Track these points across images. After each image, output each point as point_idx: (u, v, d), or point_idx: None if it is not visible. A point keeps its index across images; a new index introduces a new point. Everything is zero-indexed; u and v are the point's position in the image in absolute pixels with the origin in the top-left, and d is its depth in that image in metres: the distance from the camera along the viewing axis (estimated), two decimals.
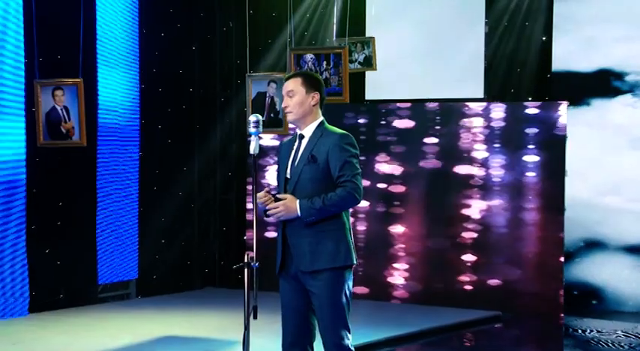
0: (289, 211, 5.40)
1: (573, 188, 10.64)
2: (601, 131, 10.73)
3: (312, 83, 5.59)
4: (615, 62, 10.71)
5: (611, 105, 10.74)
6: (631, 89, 10.64)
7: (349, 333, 5.50)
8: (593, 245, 10.78)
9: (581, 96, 10.82)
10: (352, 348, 5.52)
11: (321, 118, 5.62)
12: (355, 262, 5.51)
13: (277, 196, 5.41)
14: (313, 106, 5.58)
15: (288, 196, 5.42)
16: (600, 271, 10.66)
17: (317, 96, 5.58)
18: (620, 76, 10.69)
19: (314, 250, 5.42)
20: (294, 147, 5.59)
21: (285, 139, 5.74)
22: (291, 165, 5.55)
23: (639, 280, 10.55)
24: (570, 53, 10.82)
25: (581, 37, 10.78)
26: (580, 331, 9.67)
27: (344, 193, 5.37)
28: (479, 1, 10.95)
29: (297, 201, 5.39)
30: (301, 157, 5.52)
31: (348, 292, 5.48)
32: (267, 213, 5.41)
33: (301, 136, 5.58)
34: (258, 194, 5.44)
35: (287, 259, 5.51)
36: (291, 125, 10.08)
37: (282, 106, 5.63)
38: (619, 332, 9.52)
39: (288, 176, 5.54)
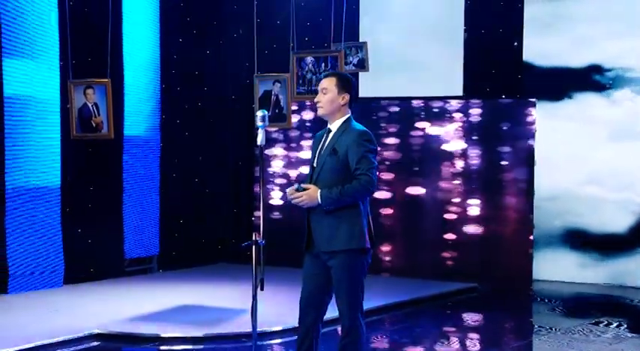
0: (311, 199, 5.43)
1: (553, 179, 10.63)
2: (582, 124, 10.67)
3: (344, 85, 5.58)
4: (595, 58, 10.64)
5: (593, 99, 10.66)
6: (611, 84, 10.59)
7: (362, 307, 5.57)
8: (572, 234, 10.81)
9: (563, 91, 10.77)
10: (362, 318, 5.59)
11: (348, 115, 5.61)
12: (369, 245, 5.54)
13: (302, 185, 5.45)
14: (342, 105, 5.58)
15: (312, 187, 5.44)
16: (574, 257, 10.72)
17: (347, 97, 5.58)
18: (600, 71, 10.62)
19: (332, 233, 5.46)
20: (324, 139, 5.64)
21: (319, 132, 5.78)
22: (318, 155, 5.59)
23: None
24: (551, 50, 10.78)
25: (561, 35, 10.73)
26: (546, 299, 9.72)
27: (358, 186, 5.39)
28: (459, 11, 10.97)
29: (319, 191, 5.44)
30: (325, 149, 5.55)
31: (362, 270, 5.52)
32: (292, 202, 5.47)
33: (329, 130, 5.62)
34: (288, 190, 5.48)
35: (311, 239, 5.58)
36: (294, 119, 10.20)
37: (315, 100, 5.65)
38: (578, 301, 9.58)
39: (315, 165, 5.60)
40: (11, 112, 9.26)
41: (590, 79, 10.69)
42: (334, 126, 5.59)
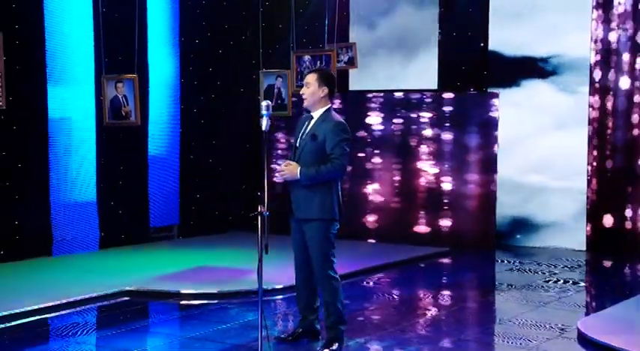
0: (292, 174, 5.55)
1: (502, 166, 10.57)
2: (529, 112, 10.64)
3: (324, 79, 5.67)
4: (547, 48, 10.56)
5: (540, 87, 10.61)
6: (554, 71, 10.50)
7: (333, 265, 5.67)
8: (517, 221, 10.78)
9: (511, 79, 10.73)
10: (335, 274, 5.67)
11: (329, 105, 5.70)
12: (337, 216, 5.64)
13: (286, 162, 5.56)
14: (322, 97, 5.67)
15: (293, 164, 5.57)
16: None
17: (326, 90, 5.66)
18: (545, 60, 10.56)
19: (307, 204, 5.59)
20: (306, 124, 5.70)
21: (304, 116, 5.83)
22: (300, 138, 5.69)
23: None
24: (510, 42, 10.71)
25: (522, 28, 10.65)
26: (506, 261, 9.80)
27: (331, 168, 5.50)
28: (433, 16, 10.98)
29: (299, 168, 5.53)
30: (307, 134, 5.65)
31: (332, 237, 5.63)
32: (277, 174, 5.60)
33: (311, 117, 5.70)
34: (282, 166, 5.61)
35: (292, 208, 5.67)
36: (293, 108, 10.21)
37: (301, 93, 5.75)
38: (534, 262, 9.65)
39: (297, 146, 5.67)
40: (54, 131, 9.32)
41: (539, 67, 10.62)
42: (316, 114, 5.68)
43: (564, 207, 10.54)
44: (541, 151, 10.63)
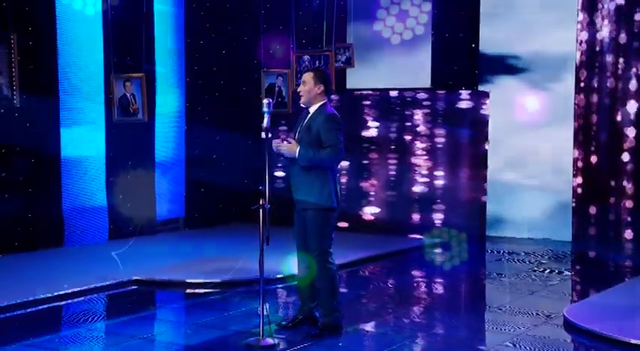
0: (290, 151, 5.65)
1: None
2: (517, 110, 10.63)
3: (319, 78, 5.76)
4: (533, 47, 10.48)
5: (528, 86, 10.56)
6: (541, 70, 10.44)
7: (330, 256, 5.69)
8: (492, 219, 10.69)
9: (500, 78, 10.70)
10: (331, 265, 5.70)
11: (324, 101, 5.77)
12: (335, 205, 5.68)
13: (288, 139, 5.64)
14: (318, 94, 5.74)
15: (293, 142, 5.64)
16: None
17: (322, 87, 5.75)
18: (532, 59, 10.50)
19: (306, 193, 5.67)
20: (303, 118, 5.78)
21: (303, 111, 5.88)
22: (298, 130, 5.76)
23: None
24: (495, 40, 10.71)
25: (506, 25, 10.64)
26: (496, 252, 9.81)
27: (330, 152, 5.60)
28: (426, 19, 10.98)
29: (298, 147, 5.60)
30: (304, 126, 5.73)
31: (329, 224, 5.67)
32: (274, 149, 5.65)
33: (308, 112, 5.77)
34: (273, 141, 5.65)
35: (293, 197, 5.73)
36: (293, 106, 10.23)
37: (298, 90, 5.84)
38: (522, 253, 9.68)
39: (296, 137, 5.73)
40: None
41: (526, 66, 10.57)
42: (312, 109, 5.77)
43: (551, 200, 10.55)
44: (527, 147, 10.61)
